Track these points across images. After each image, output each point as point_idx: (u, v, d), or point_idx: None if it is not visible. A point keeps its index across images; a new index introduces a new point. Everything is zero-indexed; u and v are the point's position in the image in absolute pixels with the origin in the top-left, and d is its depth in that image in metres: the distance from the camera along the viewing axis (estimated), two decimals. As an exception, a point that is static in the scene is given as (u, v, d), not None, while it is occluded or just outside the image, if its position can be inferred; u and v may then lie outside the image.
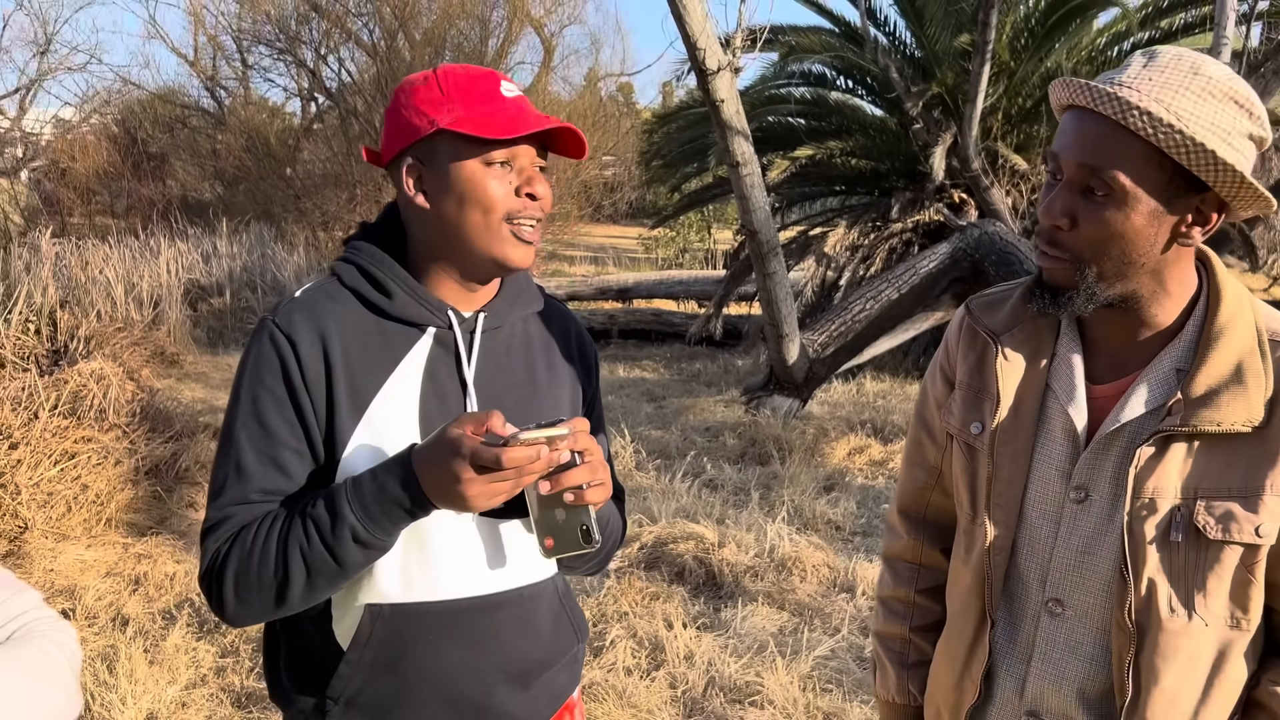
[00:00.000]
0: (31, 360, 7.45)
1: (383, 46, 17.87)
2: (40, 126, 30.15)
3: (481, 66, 1.36)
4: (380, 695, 1.35)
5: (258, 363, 1.31)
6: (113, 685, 3.29)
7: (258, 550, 1.26)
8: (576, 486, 1.23)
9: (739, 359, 10.33)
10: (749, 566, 4.42)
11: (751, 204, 6.09)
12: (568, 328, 1.52)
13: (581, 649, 1.54)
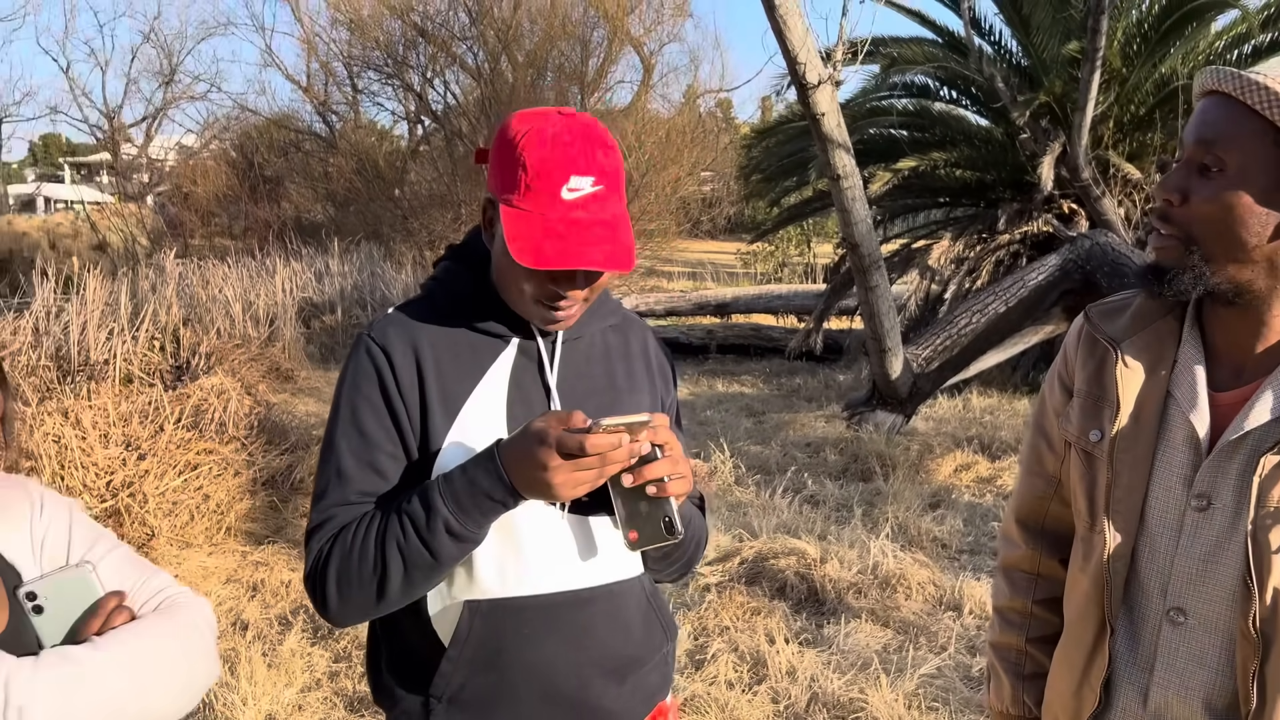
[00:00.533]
0: (157, 376, 7.81)
1: (486, 69, 18.28)
2: (164, 153, 31.66)
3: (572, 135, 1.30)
4: (481, 691, 1.39)
5: (356, 374, 1.39)
6: (234, 686, 3.43)
7: (357, 548, 1.32)
8: (659, 479, 1.27)
9: (840, 374, 10.23)
10: (852, 583, 4.37)
11: (853, 217, 6.04)
12: (645, 338, 1.57)
13: (671, 649, 1.56)
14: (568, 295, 1.34)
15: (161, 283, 10.94)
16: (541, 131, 1.30)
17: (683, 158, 17.30)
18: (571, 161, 1.29)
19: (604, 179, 1.31)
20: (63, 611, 1.15)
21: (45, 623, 1.14)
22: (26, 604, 1.14)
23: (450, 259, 1.49)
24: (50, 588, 1.15)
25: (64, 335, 8.19)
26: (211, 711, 3.35)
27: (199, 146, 27.10)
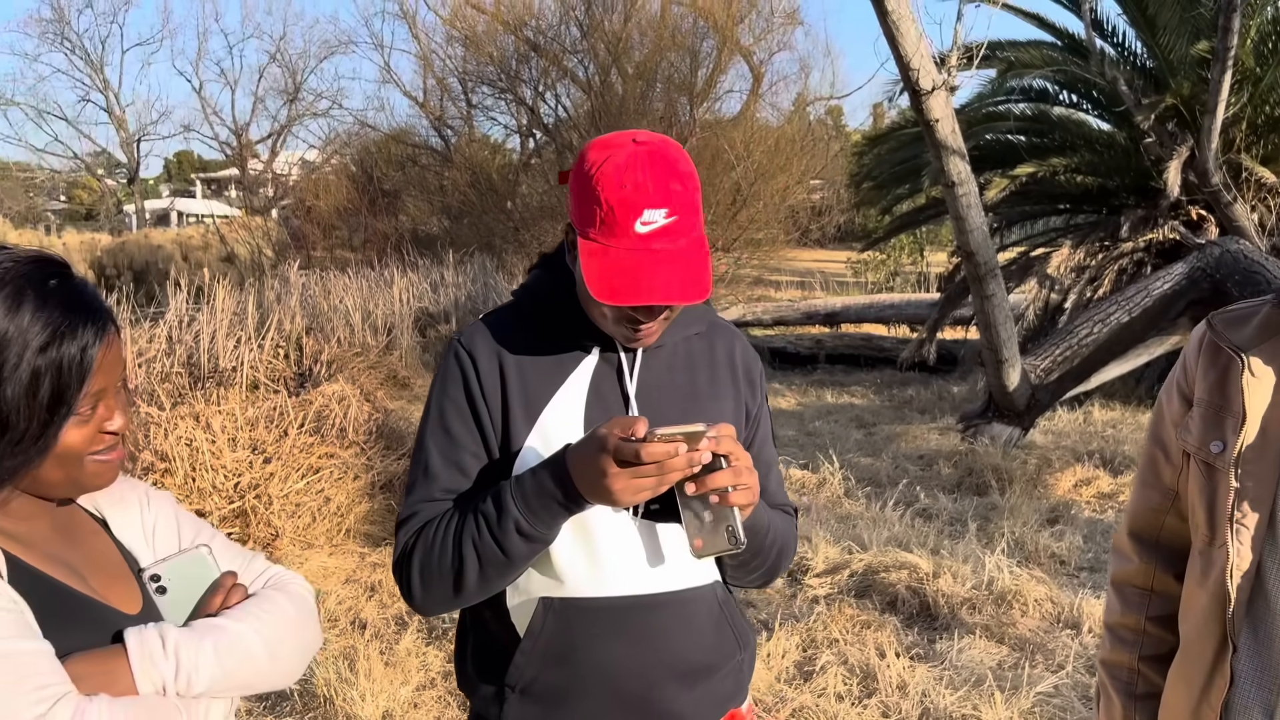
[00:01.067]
0: (282, 382, 8.13)
1: (597, 82, 18.49)
2: (288, 168, 32.93)
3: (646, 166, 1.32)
4: (552, 685, 1.43)
5: (444, 377, 1.47)
6: (353, 683, 3.54)
7: (438, 543, 1.39)
8: (722, 489, 1.28)
9: (954, 385, 10.02)
10: (966, 598, 4.27)
11: (968, 224, 5.92)
12: (733, 345, 1.58)
13: (745, 659, 1.56)
14: (644, 322, 1.38)
15: (286, 293, 11.38)
16: (615, 164, 1.33)
17: (792, 166, 17.19)
18: (645, 195, 1.31)
19: (677, 209, 1.33)
20: (184, 591, 1.23)
21: (168, 602, 1.22)
22: (151, 585, 1.22)
23: (540, 267, 1.55)
24: (172, 569, 1.23)
25: (195, 343, 8.59)
26: (332, 706, 3.47)
27: (321, 162, 28.09)
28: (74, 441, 1.12)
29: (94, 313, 1.11)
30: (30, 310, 1.06)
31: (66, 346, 1.07)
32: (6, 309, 1.05)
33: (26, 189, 48.42)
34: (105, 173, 41.21)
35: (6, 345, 1.05)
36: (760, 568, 1.51)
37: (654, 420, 1.33)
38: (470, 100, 23.56)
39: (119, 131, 38.68)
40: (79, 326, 1.09)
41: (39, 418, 1.07)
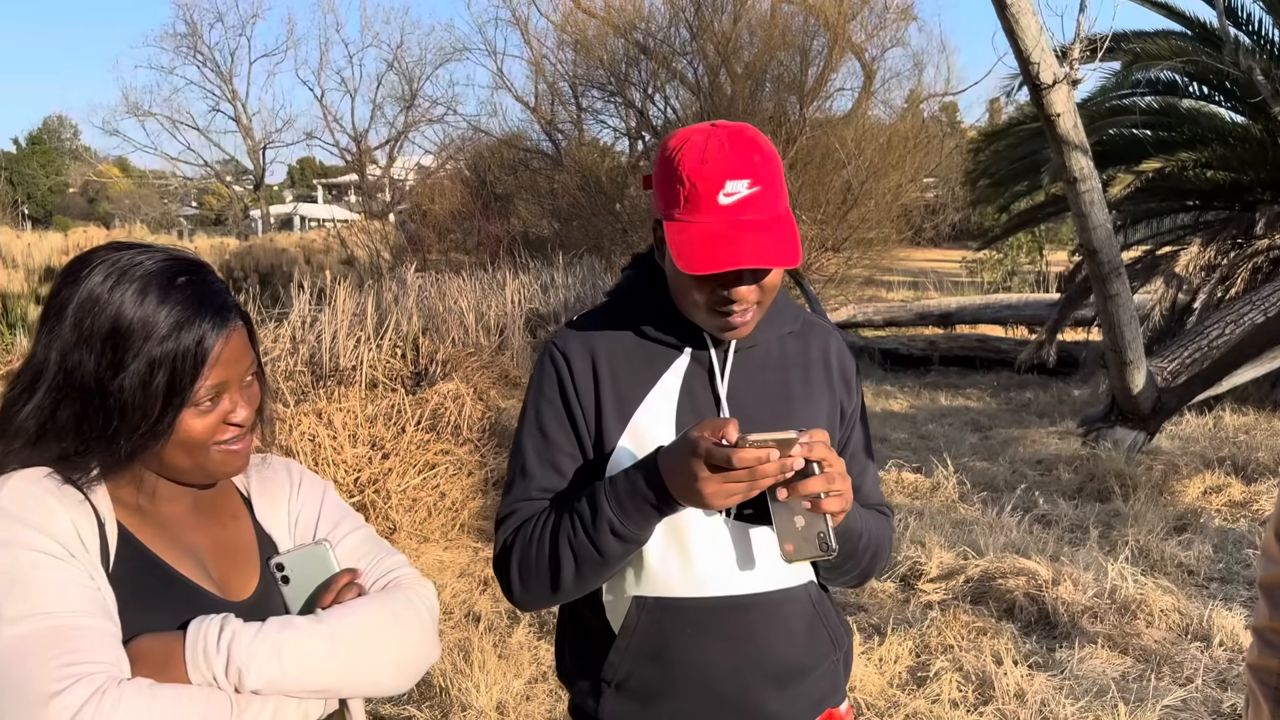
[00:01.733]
0: (399, 381, 8.36)
1: (705, 83, 18.48)
2: (405, 173, 33.83)
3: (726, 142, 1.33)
4: (645, 682, 1.45)
5: (540, 378, 1.50)
6: (468, 674, 3.62)
7: (535, 541, 1.42)
8: (814, 495, 1.27)
9: (1075, 388, 9.70)
10: (1087, 607, 4.14)
11: (1090, 222, 5.73)
12: (828, 345, 1.56)
13: (840, 659, 1.54)
14: (738, 299, 1.36)
15: (403, 295, 11.69)
16: (694, 144, 1.35)
17: (905, 164, 16.86)
18: (726, 167, 1.32)
19: (760, 180, 1.33)
20: (304, 583, 1.27)
21: (291, 592, 1.26)
22: (276, 574, 1.26)
23: (632, 268, 1.56)
24: (295, 560, 1.28)
25: (317, 343, 8.90)
26: (447, 696, 3.56)
27: (436, 167, 28.76)
28: (196, 431, 1.16)
29: (217, 308, 1.16)
30: (154, 304, 1.13)
31: (183, 338, 1.13)
32: (134, 302, 1.12)
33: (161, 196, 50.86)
34: (233, 179, 42.99)
35: (130, 335, 1.11)
36: (854, 570, 1.50)
37: (746, 421, 1.33)
38: (580, 104, 23.82)
39: (246, 140, 40.33)
40: (198, 320, 1.14)
41: (155, 405, 1.13)
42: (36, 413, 1.12)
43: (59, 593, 1.05)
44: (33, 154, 59.36)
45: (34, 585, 1.04)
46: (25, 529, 1.06)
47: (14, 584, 1.03)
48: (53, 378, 1.12)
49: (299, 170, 62.88)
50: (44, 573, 1.05)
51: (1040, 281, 17.76)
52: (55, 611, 1.04)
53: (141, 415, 1.12)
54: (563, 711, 3.52)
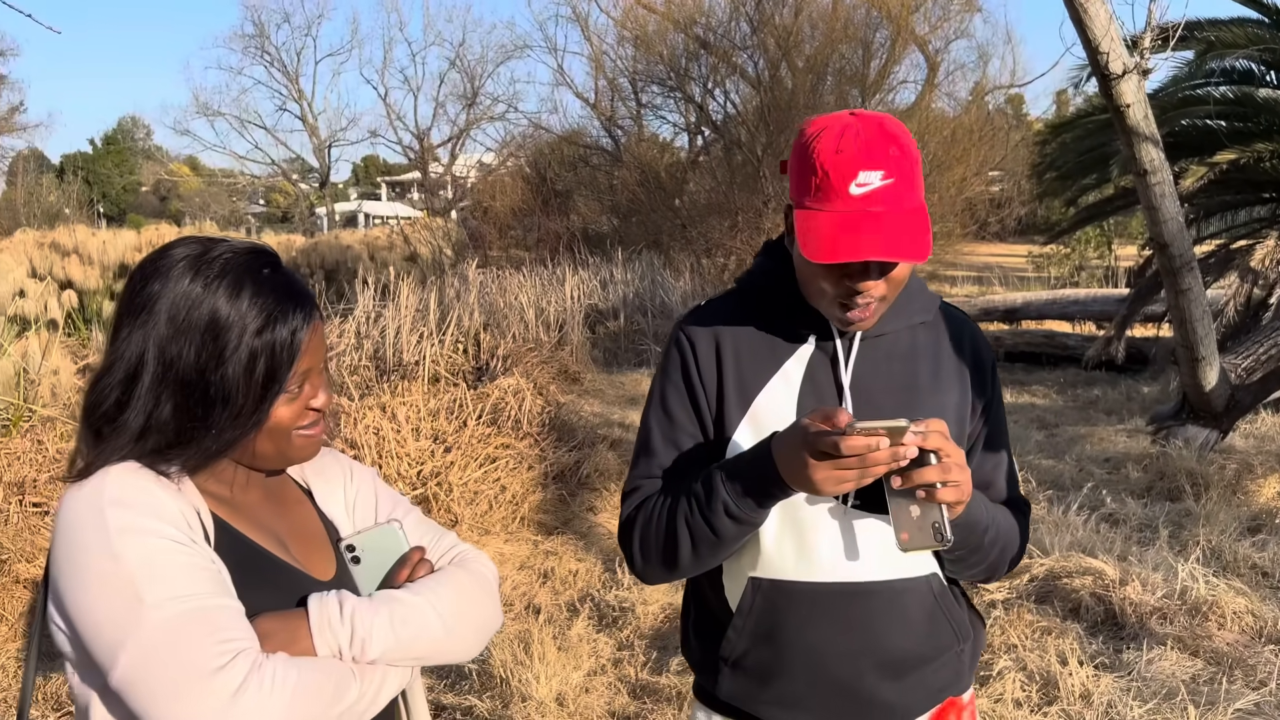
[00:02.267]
0: (460, 376, 8.46)
1: (766, 77, 18.38)
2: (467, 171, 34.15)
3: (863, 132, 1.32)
4: (760, 661, 1.47)
5: (667, 361, 1.54)
6: (528, 665, 3.66)
7: (654, 519, 1.46)
8: (929, 485, 1.25)
9: (1144, 385, 9.49)
10: (1156, 608, 4.05)
11: (1161, 215, 5.60)
12: (961, 335, 1.54)
13: (966, 650, 1.53)
14: (863, 291, 1.35)
15: (464, 290, 11.81)
16: (831, 132, 1.33)
17: (969, 157, 16.64)
18: (860, 157, 1.30)
19: (894, 173, 1.31)
20: (376, 562, 1.30)
21: (361, 572, 1.30)
22: (346, 555, 1.30)
23: (763, 254, 1.56)
24: (366, 541, 1.31)
25: (381, 338, 9.04)
26: (508, 687, 3.60)
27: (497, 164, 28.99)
28: (283, 417, 1.21)
29: (302, 299, 1.21)
30: (249, 297, 1.17)
31: (279, 330, 1.17)
32: (229, 296, 1.16)
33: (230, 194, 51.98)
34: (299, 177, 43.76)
35: (229, 328, 1.15)
36: (979, 564, 1.47)
37: (870, 410, 1.34)
38: (640, 99, 23.84)
39: (312, 138, 41.03)
40: (290, 311, 1.19)
41: (255, 394, 1.17)
42: (142, 408, 1.16)
43: (193, 576, 1.09)
44: (108, 154, 61.05)
45: (170, 570, 1.08)
46: (147, 518, 1.10)
47: (151, 570, 1.07)
48: (153, 372, 1.15)
49: (363, 168, 63.83)
50: (175, 558, 1.09)
51: (1109, 276, 17.39)
52: (195, 594, 1.08)
53: (242, 404, 1.17)
54: (621, 705, 3.54)
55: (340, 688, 1.14)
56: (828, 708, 1.45)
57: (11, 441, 5.50)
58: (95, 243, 19.18)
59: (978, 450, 1.52)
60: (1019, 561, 1.54)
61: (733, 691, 1.50)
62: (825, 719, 1.46)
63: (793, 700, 1.46)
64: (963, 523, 1.35)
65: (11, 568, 4.34)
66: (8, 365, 6.89)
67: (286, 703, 1.07)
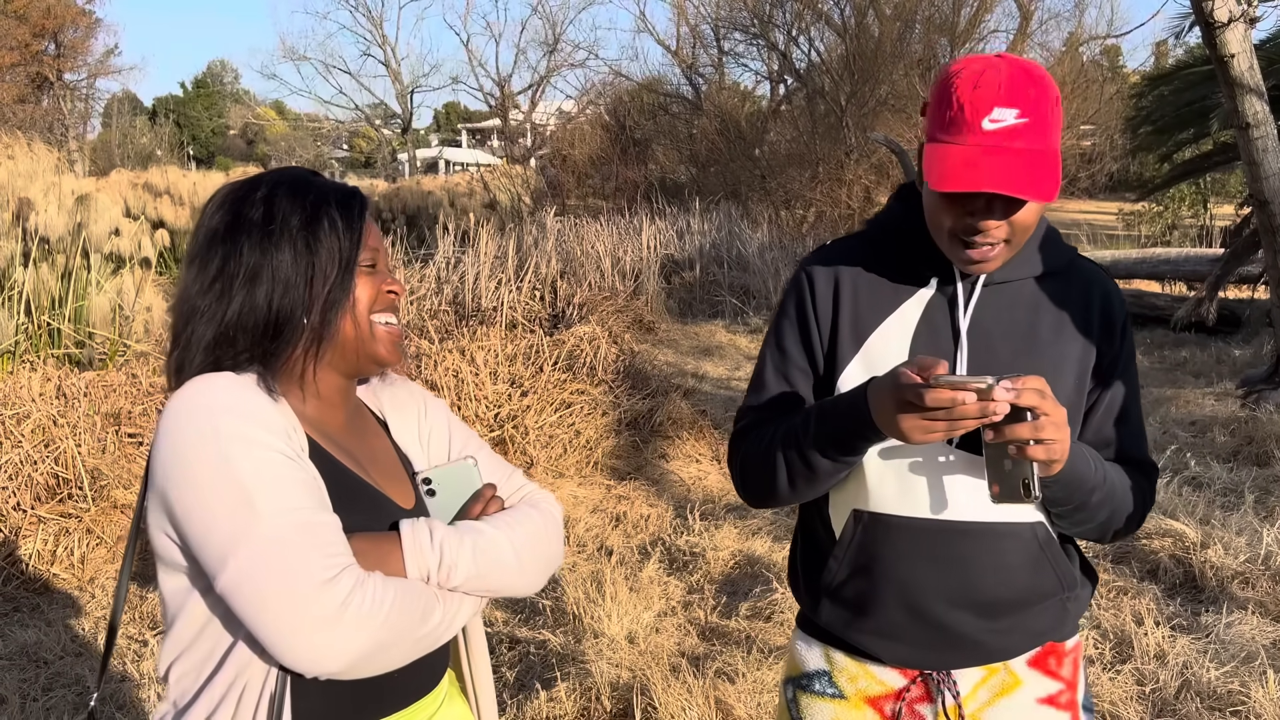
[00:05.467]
0: (537, 322, 8.55)
1: (852, 24, 18.00)
2: (546, 119, 34.16)
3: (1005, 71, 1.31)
4: (856, 592, 1.50)
5: (785, 297, 1.57)
6: (600, 603, 3.74)
7: (757, 449, 1.50)
8: (1020, 441, 1.25)
9: (1236, 349, 9.20)
10: (1238, 572, 3.98)
11: (1263, 170, 5.40)
12: (1091, 289, 1.50)
13: (1073, 598, 1.51)
14: (983, 230, 1.34)
15: (542, 238, 11.89)
16: (972, 69, 1.33)
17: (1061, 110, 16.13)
18: (997, 94, 1.30)
19: (1030, 113, 1.30)
20: (450, 495, 1.35)
21: (436, 504, 1.35)
22: (423, 487, 1.36)
23: (895, 198, 1.56)
24: (441, 475, 1.36)
25: (460, 284, 9.17)
26: (581, 624, 3.68)
27: (577, 112, 28.93)
28: (362, 293, 1.28)
29: (354, 190, 1.33)
30: (316, 187, 1.29)
31: (352, 204, 1.30)
32: (302, 192, 1.27)
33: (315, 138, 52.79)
34: (382, 123, 44.23)
35: (319, 205, 1.26)
36: (1086, 523, 1.45)
37: (987, 357, 1.36)
38: (722, 47, 23.55)
39: (395, 84, 41.37)
40: (352, 193, 1.31)
41: (343, 255, 1.25)
42: (253, 311, 1.23)
43: (301, 489, 1.14)
44: (197, 97, 62.35)
45: (281, 482, 1.13)
46: (258, 429, 1.15)
47: (263, 480, 1.12)
48: (268, 272, 1.23)
49: (444, 115, 64.22)
50: (284, 470, 1.14)
51: (1203, 236, 16.79)
52: (303, 507, 1.13)
53: (333, 271, 1.25)
54: (690, 645, 3.61)
55: (427, 610, 1.19)
56: (920, 641, 1.47)
57: (108, 374, 5.74)
58: (186, 184, 19.71)
59: (1100, 408, 1.49)
60: (1138, 525, 1.51)
61: (831, 619, 1.54)
62: (918, 651, 1.48)
63: (887, 631, 1.48)
64: (1066, 480, 1.33)
65: (110, 493, 4.55)
66: (104, 301, 7.16)
67: (384, 619, 1.12)
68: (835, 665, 1.56)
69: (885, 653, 1.50)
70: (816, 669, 1.58)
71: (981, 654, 1.48)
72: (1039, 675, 1.52)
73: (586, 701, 3.15)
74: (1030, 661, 1.51)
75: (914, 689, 1.50)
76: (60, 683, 3.43)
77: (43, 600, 4.05)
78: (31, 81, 34.57)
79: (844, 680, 1.55)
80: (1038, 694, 1.51)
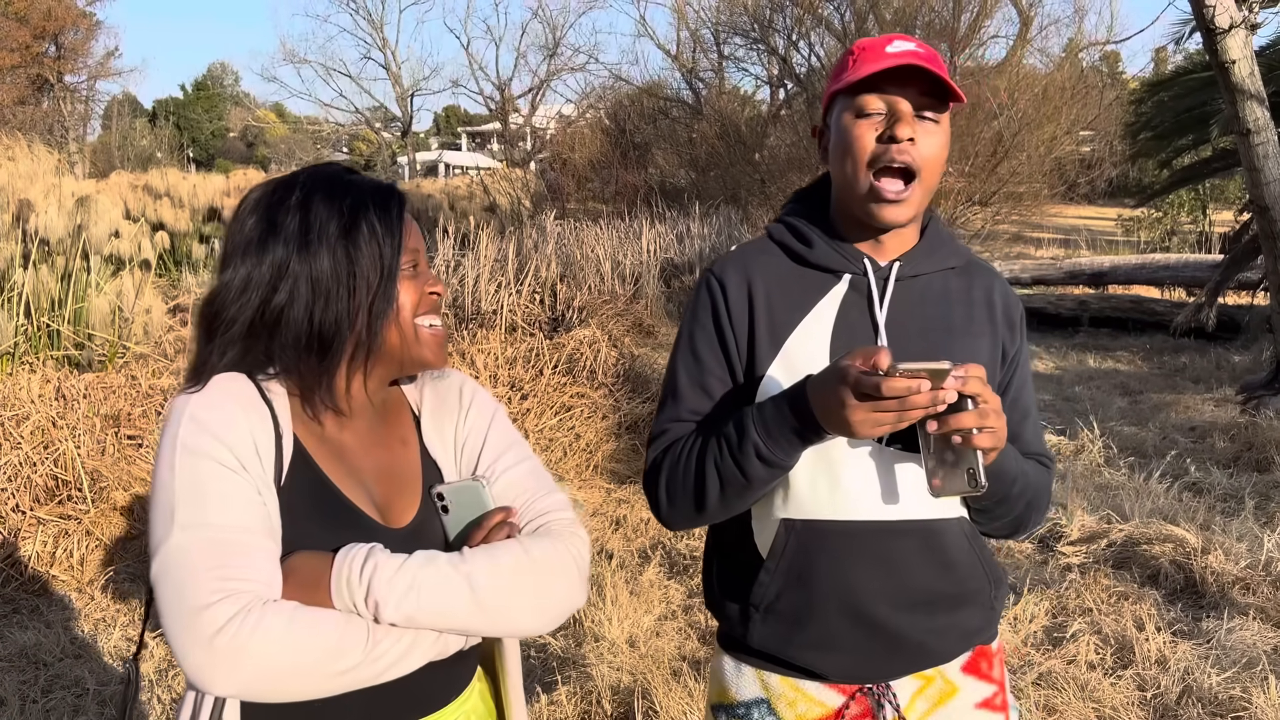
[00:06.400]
0: (537, 325, 8.55)
1: (852, 28, 18.01)
2: (546, 122, 34.14)
3: (896, 33, 1.43)
4: (793, 604, 1.45)
5: (695, 304, 1.53)
6: (601, 607, 3.74)
7: (682, 462, 1.45)
8: (966, 430, 1.25)
9: (1235, 354, 9.21)
10: (1238, 578, 3.97)
11: (1263, 176, 5.40)
12: (991, 285, 1.53)
13: (997, 596, 1.52)
14: (901, 139, 1.37)
15: (542, 242, 11.87)
16: (860, 41, 1.43)
17: (1060, 115, 16.12)
18: (895, 37, 1.40)
19: (927, 51, 1.38)
20: (462, 514, 1.28)
21: (450, 521, 1.29)
22: (437, 503, 1.29)
23: (793, 202, 1.58)
24: (454, 493, 1.29)
25: (460, 286, 9.16)
26: (581, 627, 3.68)
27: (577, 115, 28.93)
28: (405, 299, 1.24)
29: (392, 188, 1.29)
30: (355, 187, 1.24)
31: (391, 204, 1.25)
32: (339, 193, 1.24)
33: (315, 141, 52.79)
34: (382, 126, 44.21)
35: (354, 219, 1.22)
36: (1005, 516, 1.47)
37: (902, 353, 1.30)
38: (722, 51, 23.57)
39: (395, 87, 41.33)
40: (390, 193, 1.27)
41: (385, 263, 1.22)
42: (292, 324, 1.20)
43: (228, 505, 1.11)
44: (197, 99, 62.37)
45: (208, 496, 1.10)
46: (210, 438, 1.13)
47: (193, 492, 1.10)
48: (307, 285, 1.20)
49: (444, 118, 64.24)
50: (219, 485, 1.11)
51: (1202, 242, 16.81)
52: (222, 525, 1.09)
53: (379, 273, 1.21)
54: (691, 649, 3.60)
55: (343, 645, 1.10)
56: (861, 649, 1.44)
57: (108, 376, 5.73)
58: (186, 186, 19.69)
59: (1007, 401, 1.49)
60: (1042, 520, 1.53)
61: (765, 638, 1.48)
62: (859, 661, 1.45)
63: (827, 642, 1.45)
64: (994, 470, 1.33)
65: (109, 495, 4.54)
66: (104, 303, 7.15)
67: (268, 652, 1.06)
68: (772, 692, 1.50)
69: (826, 665, 1.46)
70: (753, 698, 1.52)
71: (921, 657, 1.47)
72: (973, 680, 1.52)
73: (587, 705, 3.15)
74: (964, 667, 1.51)
75: (853, 705, 1.47)
76: (59, 684, 3.42)
77: (42, 602, 4.05)
78: (32, 83, 34.57)
79: (783, 707, 1.49)
80: (974, 699, 1.51)
